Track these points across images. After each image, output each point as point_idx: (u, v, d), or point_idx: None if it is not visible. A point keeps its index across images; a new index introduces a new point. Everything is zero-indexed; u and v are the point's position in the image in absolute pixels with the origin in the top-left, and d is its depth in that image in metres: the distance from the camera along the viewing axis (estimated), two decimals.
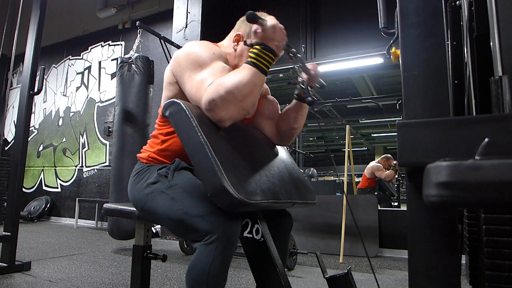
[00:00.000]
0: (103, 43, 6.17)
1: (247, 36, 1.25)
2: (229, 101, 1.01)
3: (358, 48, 4.18)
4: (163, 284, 2.31)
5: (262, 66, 1.05)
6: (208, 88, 1.03)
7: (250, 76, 1.03)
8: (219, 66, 1.12)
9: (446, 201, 0.43)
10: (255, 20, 1.05)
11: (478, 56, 1.14)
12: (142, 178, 1.21)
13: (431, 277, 0.69)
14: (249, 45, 1.11)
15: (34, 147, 6.74)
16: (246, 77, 1.02)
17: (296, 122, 1.39)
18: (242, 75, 1.02)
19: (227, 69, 1.13)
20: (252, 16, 1.04)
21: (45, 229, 4.98)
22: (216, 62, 1.13)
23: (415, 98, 0.73)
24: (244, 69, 1.04)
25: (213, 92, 1.01)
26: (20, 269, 2.50)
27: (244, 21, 1.29)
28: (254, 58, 1.05)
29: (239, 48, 1.27)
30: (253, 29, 1.10)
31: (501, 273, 0.69)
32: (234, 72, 1.05)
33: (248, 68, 1.04)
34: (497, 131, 0.52)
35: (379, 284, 1.04)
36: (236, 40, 1.28)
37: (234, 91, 1.00)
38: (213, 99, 1.01)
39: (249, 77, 1.02)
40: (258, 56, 1.05)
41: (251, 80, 1.03)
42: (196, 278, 0.98)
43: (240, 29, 1.28)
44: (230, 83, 1.01)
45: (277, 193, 1.11)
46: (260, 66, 1.05)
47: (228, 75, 1.04)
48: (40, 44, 2.77)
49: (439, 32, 0.75)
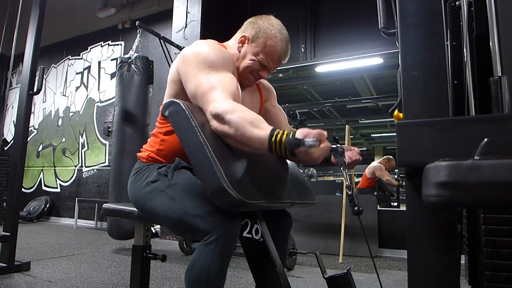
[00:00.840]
0: (102, 43, 6.17)
1: (253, 38, 1.24)
2: (228, 132, 0.99)
3: (358, 48, 4.18)
4: (163, 284, 2.31)
5: (272, 150, 0.94)
6: (219, 103, 1.01)
7: (257, 142, 0.95)
8: (228, 77, 1.11)
9: (445, 201, 0.43)
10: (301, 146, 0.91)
11: (478, 57, 1.14)
12: (141, 177, 1.21)
13: (431, 277, 0.69)
14: (298, 128, 1.00)
15: (34, 147, 6.74)
16: (255, 140, 0.96)
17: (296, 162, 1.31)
18: (254, 134, 0.95)
19: (234, 82, 1.12)
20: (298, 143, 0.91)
21: (44, 229, 4.97)
22: (225, 72, 1.12)
23: (414, 98, 0.73)
24: (262, 131, 0.95)
25: (224, 115, 0.98)
26: (19, 269, 2.50)
27: (251, 23, 1.27)
28: (277, 143, 0.93)
29: (243, 50, 1.27)
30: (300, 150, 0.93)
31: (500, 273, 0.69)
32: (252, 122, 0.96)
33: (265, 136, 0.94)
34: (496, 131, 0.52)
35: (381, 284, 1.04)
36: (242, 42, 1.27)
37: (236, 133, 0.97)
38: (219, 116, 1.00)
39: (256, 142, 0.95)
40: (279, 145, 0.93)
41: (253, 145, 0.97)
42: (195, 278, 0.98)
43: (247, 31, 1.27)
44: (241, 126, 0.96)
45: (277, 193, 1.11)
46: (272, 150, 0.94)
47: (248, 115, 0.98)
48: (39, 43, 2.76)
49: (439, 32, 0.75)
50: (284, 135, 0.92)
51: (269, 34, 1.23)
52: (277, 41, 1.23)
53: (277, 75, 6.48)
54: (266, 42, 1.23)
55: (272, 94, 1.47)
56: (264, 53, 1.23)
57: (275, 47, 1.23)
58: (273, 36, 1.23)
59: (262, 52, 1.23)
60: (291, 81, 7.47)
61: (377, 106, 9.05)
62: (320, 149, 0.91)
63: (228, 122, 0.98)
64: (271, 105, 1.46)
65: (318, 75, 7.15)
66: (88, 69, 6.29)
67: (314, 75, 7.25)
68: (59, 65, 6.77)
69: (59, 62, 6.76)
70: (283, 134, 0.92)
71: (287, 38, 1.27)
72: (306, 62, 4.46)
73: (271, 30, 1.23)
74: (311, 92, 8.54)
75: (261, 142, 0.94)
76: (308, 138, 0.89)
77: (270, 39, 1.22)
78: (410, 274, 0.70)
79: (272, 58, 1.25)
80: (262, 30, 1.23)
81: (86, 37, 6.42)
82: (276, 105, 1.48)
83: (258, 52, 1.23)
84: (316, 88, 8.51)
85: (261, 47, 1.23)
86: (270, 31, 1.23)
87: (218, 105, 1.01)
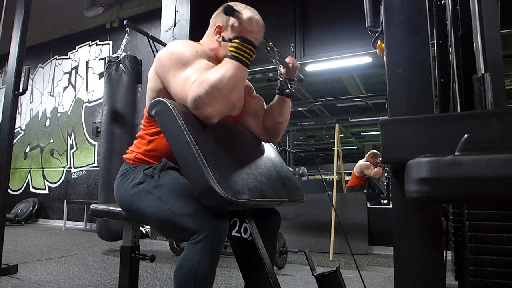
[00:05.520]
0: (90, 42, 6.10)
1: (227, 24, 1.26)
2: (215, 96, 1.01)
3: (347, 47, 4.20)
4: (153, 285, 2.29)
5: (243, 59, 1.05)
6: (192, 85, 1.03)
7: (233, 70, 1.03)
8: (203, 63, 1.11)
9: (426, 197, 0.43)
10: (232, 13, 1.05)
11: (463, 55, 1.15)
12: (128, 179, 1.20)
13: (416, 273, 0.70)
14: (228, 40, 1.12)
15: (21, 148, 6.63)
16: (230, 71, 1.03)
17: (281, 117, 1.40)
18: (225, 70, 1.03)
19: (211, 66, 1.12)
20: (229, 8, 1.04)
21: (32, 232, 4.90)
22: (200, 60, 1.13)
23: (399, 96, 0.74)
24: (226, 64, 1.05)
25: (198, 88, 1.01)
26: (6, 272, 2.46)
27: (219, 14, 1.31)
28: (235, 52, 1.06)
29: None
30: (230, 22, 1.11)
31: (484, 268, 0.70)
32: (217, 68, 1.06)
33: (230, 62, 1.05)
34: (478, 128, 0.53)
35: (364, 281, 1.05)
36: (218, 32, 1.29)
37: (219, 85, 1.01)
38: (199, 96, 1.01)
39: (232, 70, 1.03)
40: (238, 49, 1.06)
41: (235, 73, 1.03)
42: (184, 277, 0.97)
43: (217, 22, 1.30)
44: (214, 78, 1.01)
45: (265, 191, 1.11)
46: (242, 59, 1.05)
47: (211, 71, 1.05)
48: (24, 43, 2.71)
49: (423, 30, 0.76)
50: (233, 43, 1.07)
51: None
52: (248, 13, 1.25)
53: (266, 74, 6.48)
54: None
55: (249, 86, 1.50)
56: None
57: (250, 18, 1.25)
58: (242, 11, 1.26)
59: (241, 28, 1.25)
60: None
61: (367, 105, 9.12)
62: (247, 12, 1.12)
63: (206, 92, 1.00)
64: (251, 96, 1.47)
65: (308, 74, 7.17)
66: (76, 69, 6.21)
67: (304, 74, 7.26)
68: (46, 65, 6.67)
69: (46, 62, 6.67)
70: (232, 44, 1.07)
71: (255, 11, 1.30)
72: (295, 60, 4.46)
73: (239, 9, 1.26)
74: (301, 91, 8.58)
75: (234, 67, 1.03)
76: None
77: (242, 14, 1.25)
78: (396, 270, 0.71)
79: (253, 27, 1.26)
80: None
81: (74, 36, 6.33)
82: (256, 95, 1.50)
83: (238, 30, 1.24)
84: (306, 87, 8.55)
85: (238, 24, 1.24)
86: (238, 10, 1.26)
87: (191, 92, 1.03)
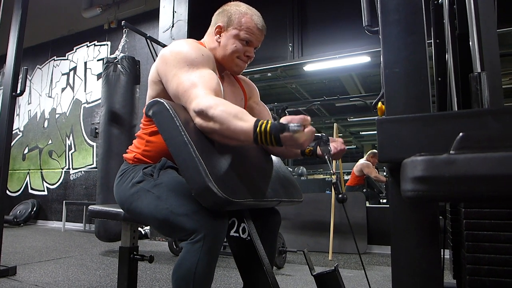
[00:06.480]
0: (88, 43, 6.08)
1: (227, 24, 1.26)
2: (212, 130, 1.00)
3: (346, 47, 4.21)
4: (152, 286, 2.29)
5: (258, 140, 0.94)
6: (199, 100, 1.01)
7: (242, 134, 0.95)
8: (208, 73, 1.12)
9: (422, 195, 0.43)
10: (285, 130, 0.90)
11: (460, 54, 1.15)
12: (127, 178, 1.20)
13: (414, 272, 0.70)
14: (282, 116, 1.04)
15: (19, 149, 6.61)
16: (238, 128, 0.95)
17: (282, 155, 1.43)
18: (239, 126, 0.95)
19: (215, 77, 1.13)
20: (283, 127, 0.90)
21: (31, 233, 4.89)
22: (205, 69, 1.13)
23: (396, 95, 0.74)
24: (246, 123, 0.95)
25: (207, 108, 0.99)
26: (5, 274, 2.45)
27: (219, 13, 1.31)
28: (262, 133, 0.92)
29: (222, 39, 1.28)
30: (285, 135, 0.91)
31: (481, 266, 0.70)
32: (235, 114, 0.97)
33: (249, 127, 0.94)
34: (473, 126, 0.53)
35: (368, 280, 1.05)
36: (218, 32, 1.29)
37: (222, 128, 0.97)
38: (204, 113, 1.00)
39: (241, 134, 0.95)
40: (264, 134, 0.92)
41: (239, 138, 0.97)
42: (182, 277, 0.97)
43: (218, 21, 1.29)
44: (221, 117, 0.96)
45: (263, 191, 1.11)
46: (257, 139, 0.93)
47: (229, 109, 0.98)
48: (22, 44, 2.71)
49: (420, 29, 0.76)
50: (269, 124, 0.92)
51: (240, 13, 1.27)
52: (250, 15, 1.27)
53: (265, 74, 6.48)
54: (241, 20, 1.26)
55: (255, 91, 1.48)
56: (243, 31, 1.26)
57: (251, 21, 1.26)
58: (244, 13, 1.27)
59: (241, 31, 1.25)
60: (279, 80, 7.48)
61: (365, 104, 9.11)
62: (305, 133, 0.90)
63: (212, 117, 0.98)
64: (254, 102, 1.46)
65: (306, 74, 7.18)
66: (74, 69, 6.20)
67: (302, 74, 7.27)
68: (44, 66, 6.66)
69: (44, 63, 6.65)
70: (268, 123, 0.93)
71: (257, 12, 1.31)
72: (294, 61, 4.47)
73: (241, 10, 1.28)
74: (300, 91, 8.57)
75: (246, 133, 0.94)
76: (293, 123, 0.89)
77: (243, 16, 1.26)
78: (394, 269, 0.71)
79: (253, 31, 1.27)
80: (232, 14, 1.27)
81: (72, 37, 6.32)
82: (260, 102, 1.49)
83: (237, 33, 1.26)
84: (305, 87, 8.54)
85: (237, 26, 1.26)
86: (240, 11, 1.27)
87: (200, 101, 1.01)
